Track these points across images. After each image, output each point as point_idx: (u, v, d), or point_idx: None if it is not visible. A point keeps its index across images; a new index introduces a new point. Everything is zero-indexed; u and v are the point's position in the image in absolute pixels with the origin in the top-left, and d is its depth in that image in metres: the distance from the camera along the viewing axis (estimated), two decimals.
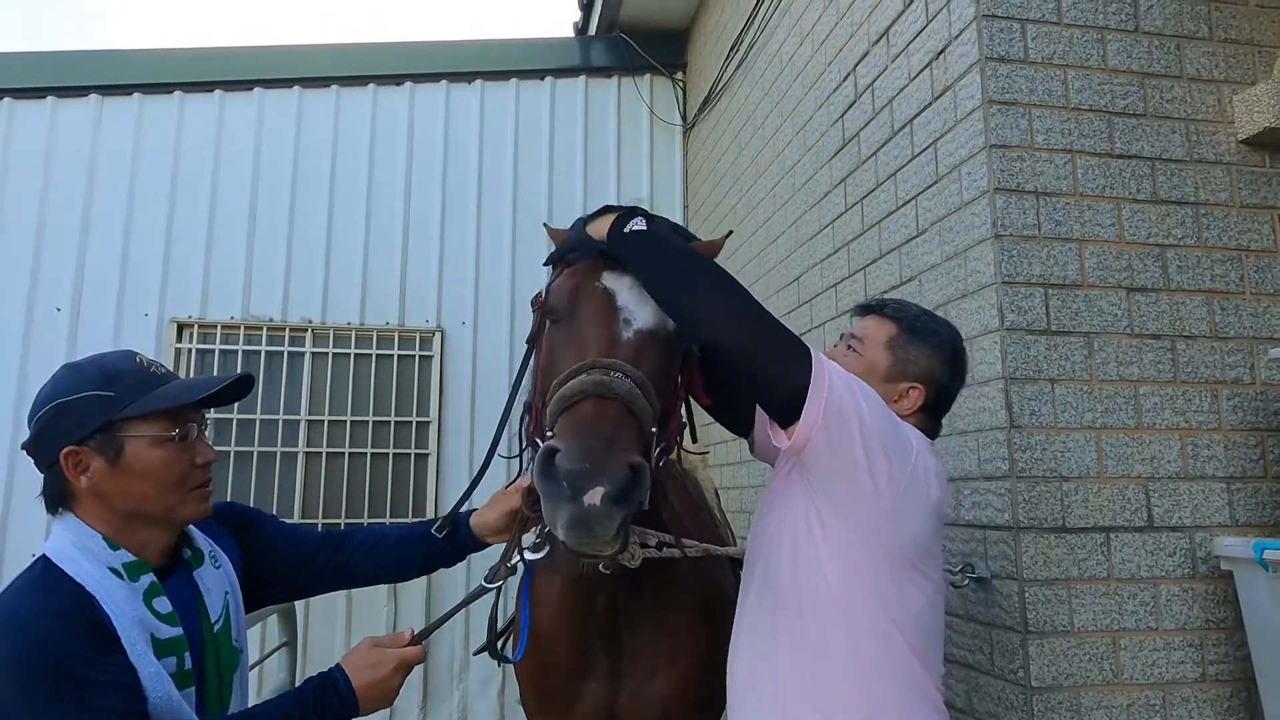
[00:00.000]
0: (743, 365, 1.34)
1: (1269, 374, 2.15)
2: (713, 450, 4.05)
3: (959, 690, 2.15)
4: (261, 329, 4.76)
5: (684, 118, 5.42)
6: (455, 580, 4.62)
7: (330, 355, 4.83)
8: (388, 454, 4.81)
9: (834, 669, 1.36)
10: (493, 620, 1.71)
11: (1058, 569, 1.97)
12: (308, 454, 4.72)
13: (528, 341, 1.67)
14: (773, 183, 3.77)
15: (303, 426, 4.73)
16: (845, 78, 3.00)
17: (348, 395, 4.81)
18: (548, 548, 1.45)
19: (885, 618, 1.36)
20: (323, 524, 4.67)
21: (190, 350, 4.68)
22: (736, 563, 2.50)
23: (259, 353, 4.74)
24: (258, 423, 4.67)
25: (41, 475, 1.35)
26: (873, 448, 1.30)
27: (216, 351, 4.70)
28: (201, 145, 4.88)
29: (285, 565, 1.66)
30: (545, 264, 1.74)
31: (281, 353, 4.78)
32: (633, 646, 1.76)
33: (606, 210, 1.60)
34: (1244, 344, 2.17)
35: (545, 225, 1.89)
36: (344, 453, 4.76)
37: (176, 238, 4.77)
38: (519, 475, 1.63)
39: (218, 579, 1.47)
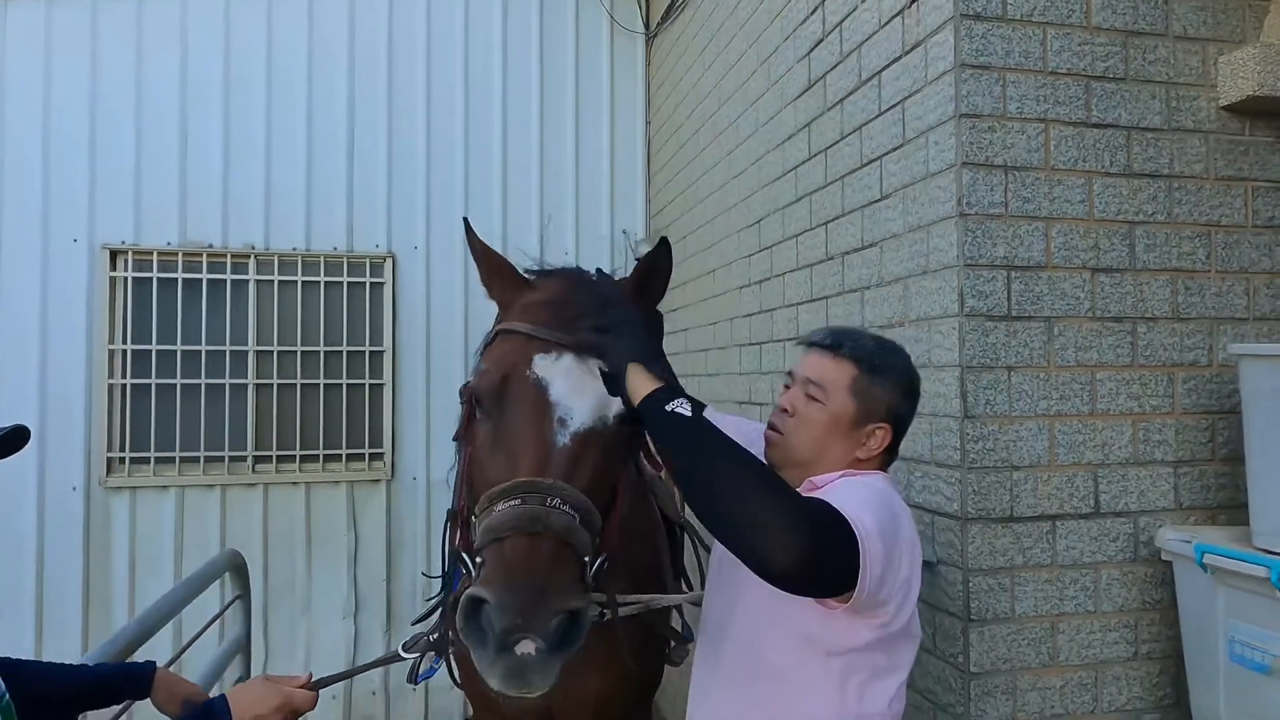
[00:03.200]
0: (798, 574, 1.19)
1: (1225, 356, 2.12)
2: None
3: None
4: (201, 256, 4.54)
5: (646, 25, 5.08)
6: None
7: (276, 283, 4.63)
8: (341, 385, 4.70)
9: None
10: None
11: (1003, 558, 1.97)
12: (258, 386, 4.59)
13: (455, 439, 1.51)
14: (736, 113, 3.56)
15: (251, 357, 4.59)
16: (814, 10, 2.78)
17: (297, 325, 4.66)
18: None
19: (877, 688, 1.37)
20: (276, 455, 4.60)
21: (127, 279, 4.46)
22: (672, 528, 2.48)
23: (200, 281, 4.53)
24: (204, 354, 4.52)
25: None
26: (893, 559, 1.29)
27: (154, 280, 4.48)
28: (122, 50, 4.48)
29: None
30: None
31: (224, 280, 4.58)
32: None
33: (639, 364, 1.32)
34: (1205, 324, 2.12)
35: (465, 220, 1.69)
36: (296, 384, 4.64)
37: (101, 155, 4.46)
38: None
39: None
